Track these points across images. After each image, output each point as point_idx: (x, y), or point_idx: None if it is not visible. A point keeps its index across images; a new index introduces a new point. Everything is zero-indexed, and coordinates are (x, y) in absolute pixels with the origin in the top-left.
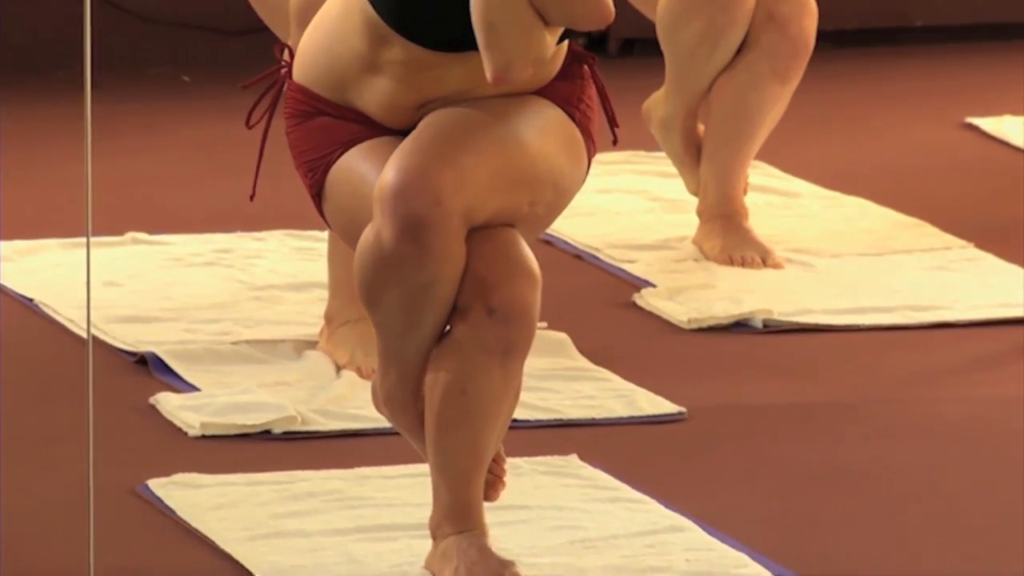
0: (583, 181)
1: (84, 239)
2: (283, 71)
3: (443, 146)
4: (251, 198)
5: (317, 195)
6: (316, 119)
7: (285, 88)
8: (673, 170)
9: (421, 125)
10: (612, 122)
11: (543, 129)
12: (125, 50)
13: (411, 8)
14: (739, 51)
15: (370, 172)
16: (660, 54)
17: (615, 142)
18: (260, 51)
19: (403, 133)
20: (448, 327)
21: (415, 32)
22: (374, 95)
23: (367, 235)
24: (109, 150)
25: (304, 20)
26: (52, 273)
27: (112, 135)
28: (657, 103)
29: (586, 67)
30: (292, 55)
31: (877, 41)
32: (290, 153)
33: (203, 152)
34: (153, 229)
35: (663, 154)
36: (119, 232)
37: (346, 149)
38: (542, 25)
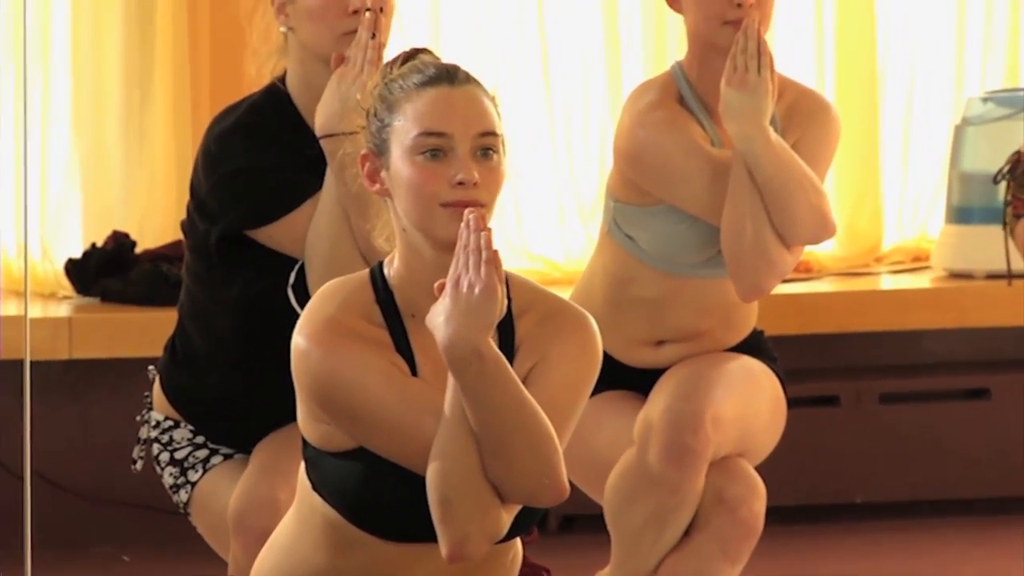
0: None
1: None
2: None
3: None
4: None
5: None
6: None
7: None
8: None
9: None
10: None
11: None
12: (65, 529)
13: (375, 498)
14: (687, 532)
15: None
16: (600, 530)
17: None
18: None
19: None
20: None
21: (379, 524)
22: None
23: None
24: None
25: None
26: None
27: None
28: None
29: None
30: None
31: (817, 518)
32: None
33: None
34: None
35: None
36: None
37: None
38: (498, 502)
